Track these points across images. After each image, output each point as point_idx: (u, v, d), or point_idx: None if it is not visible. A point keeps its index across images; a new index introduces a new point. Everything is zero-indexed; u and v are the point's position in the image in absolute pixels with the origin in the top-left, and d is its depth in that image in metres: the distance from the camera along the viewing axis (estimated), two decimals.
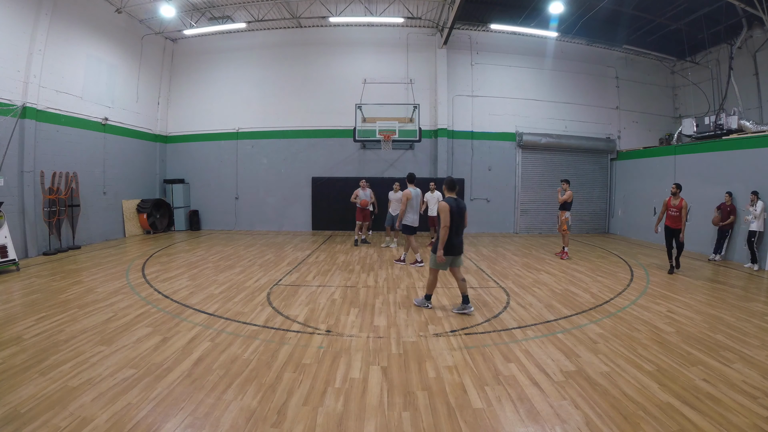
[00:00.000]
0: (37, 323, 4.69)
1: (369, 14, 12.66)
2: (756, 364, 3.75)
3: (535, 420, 2.88)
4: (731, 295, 6.20)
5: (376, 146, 13.36)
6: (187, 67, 14.31)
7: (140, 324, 4.74)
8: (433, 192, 10.16)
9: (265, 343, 4.23)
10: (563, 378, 3.49)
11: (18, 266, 7.58)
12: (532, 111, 13.96)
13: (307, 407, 3.02)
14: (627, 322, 4.98)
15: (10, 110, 8.63)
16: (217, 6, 12.49)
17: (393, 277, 7.37)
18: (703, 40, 12.17)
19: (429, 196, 10.15)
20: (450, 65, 13.68)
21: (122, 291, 6.19)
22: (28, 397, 3.05)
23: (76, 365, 3.61)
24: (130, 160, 12.54)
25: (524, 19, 12.53)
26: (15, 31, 8.80)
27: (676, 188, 7.72)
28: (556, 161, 13.98)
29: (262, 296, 5.99)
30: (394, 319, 5.06)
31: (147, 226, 12.65)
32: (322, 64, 13.91)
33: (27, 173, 8.99)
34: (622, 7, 11.33)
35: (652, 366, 3.72)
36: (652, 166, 12.34)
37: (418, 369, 3.67)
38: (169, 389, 3.24)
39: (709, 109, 12.45)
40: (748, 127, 9.95)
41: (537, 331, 4.65)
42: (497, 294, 6.25)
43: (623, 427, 2.78)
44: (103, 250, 9.79)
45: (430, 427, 2.79)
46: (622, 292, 6.37)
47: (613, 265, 8.49)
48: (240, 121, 14.05)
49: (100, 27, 11.14)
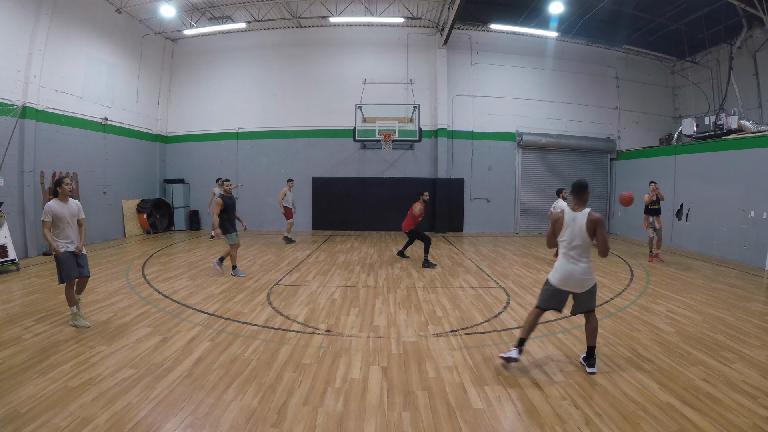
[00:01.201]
0: (37, 323, 4.69)
1: (369, 14, 12.66)
2: (756, 364, 3.75)
3: (535, 420, 2.88)
4: (731, 295, 6.20)
5: (376, 146, 13.36)
6: (187, 67, 14.31)
7: (140, 324, 4.74)
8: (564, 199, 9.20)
9: (265, 343, 4.23)
10: (563, 378, 3.49)
11: (18, 266, 7.58)
12: (532, 111, 13.96)
13: (307, 407, 3.02)
14: (627, 322, 4.98)
15: (10, 110, 8.63)
16: (217, 6, 12.49)
17: (393, 277, 7.37)
18: (703, 40, 12.16)
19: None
20: (450, 65, 13.68)
21: (122, 291, 6.19)
22: (28, 397, 3.05)
23: (76, 365, 3.61)
24: (130, 160, 12.54)
25: (524, 19, 12.53)
26: (15, 31, 8.80)
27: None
28: (556, 161, 13.98)
29: (262, 296, 5.99)
30: (394, 319, 5.06)
31: (147, 226, 12.65)
32: (322, 64, 13.91)
33: (27, 173, 8.99)
34: (622, 7, 11.32)
35: (652, 366, 3.72)
36: (652, 166, 12.33)
37: (418, 369, 3.67)
38: (169, 389, 3.24)
39: (709, 109, 12.44)
40: (748, 127, 9.94)
41: (537, 331, 4.63)
42: (497, 294, 6.25)
43: (623, 427, 2.78)
44: (103, 250, 9.79)
45: (430, 427, 2.79)
46: (622, 292, 6.37)
47: (613, 265, 8.49)
48: (240, 121, 14.05)
49: (100, 27, 11.14)
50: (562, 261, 3.59)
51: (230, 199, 7.22)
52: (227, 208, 7.10)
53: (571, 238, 3.50)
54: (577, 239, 3.46)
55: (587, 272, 3.47)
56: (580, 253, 3.47)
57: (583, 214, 3.44)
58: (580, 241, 3.45)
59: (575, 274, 3.47)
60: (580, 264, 3.47)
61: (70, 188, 4.59)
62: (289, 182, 11.19)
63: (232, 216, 7.20)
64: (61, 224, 4.49)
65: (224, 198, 7.12)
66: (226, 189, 7.34)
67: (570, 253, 3.51)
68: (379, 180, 13.86)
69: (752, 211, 8.75)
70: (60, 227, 4.50)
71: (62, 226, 4.51)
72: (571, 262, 3.50)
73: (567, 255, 3.54)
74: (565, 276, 3.52)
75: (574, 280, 3.50)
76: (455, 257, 9.39)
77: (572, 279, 3.50)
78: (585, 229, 3.40)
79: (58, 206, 4.49)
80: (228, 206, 7.12)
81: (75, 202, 4.70)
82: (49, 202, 4.53)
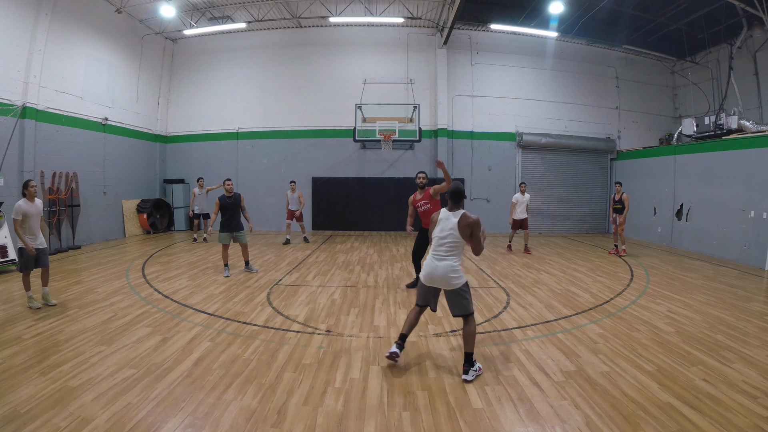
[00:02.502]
0: (37, 323, 4.69)
1: (369, 14, 12.66)
2: (756, 364, 3.75)
3: (535, 420, 2.88)
4: (731, 295, 6.20)
5: (376, 146, 13.36)
6: (187, 67, 14.31)
7: (140, 324, 4.74)
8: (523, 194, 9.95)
9: (265, 343, 4.23)
10: (563, 378, 3.49)
11: (18, 266, 7.57)
12: (532, 111, 13.96)
13: (307, 407, 3.02)
14: (627, 322, 4.98)
15: (10, 110, 8.64)
16: (217, 6, 12.49)
17: (393, 277, 7.37)
18: (703, 40, 12.16)
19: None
20: (450, 65, 13.68)
21: (122, 291, 6.19)
22: (28, 397, 3.05)
23: (76, 365, 3.61)
24: (130, 160, 12.54)
25: (524, 19, 12.53)
26: (15, 31, 8.81)
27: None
28: (556, 161, 13.98)
29: (262, 296, 5.99)
30: (394, 319, 5.06)
31: (147, 226, 12.65)
32: (322, 64, 13.90)
33: (27, 173, 8.98)
34: (622, 7, 11.32)
35: (652, 366, 3.72)
36: (652, 166, 12.33)
37: (418, 369, 3.67)
38: (169, 389, 3.24)
39: (709, 109, 12.44)
40: (748, 127, 9.94)
41: (537, 331, 4.65)
42: (497, 294, 6.25)
43: (623, 427, 2.78)
44: (103, 250, 9.79)
45: (430, 427, 2.79)
46: (622, 292, 6.37)
47: (613, 265, 8.49)
48: (240, 121, 14.05)
49: (100, 27, 11.14)
50: (429, 257, 3.73)
51: (228, 199, 7.21)
52: (224, 208, 7.13)
53: (441, 236, 3.62)
54: (447, 237, 3.59)
55: (453, 270, 3.55)
56: (447, 251, 3.59)
57: (456, 215, 3.58)
58: (450, 240, 3.58)
59: (439, 270, 3.58)
60: (446, 261, 3.58)
61: (34, 190, 5.29)
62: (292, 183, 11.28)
63: (229, 216, 7.19)
64: (28, 221, 5.13)
65: (222, 198, 7.14)
66: (227, 189, 7.30)
67: (438, 250, 3.65)
68: (379, 180, 13.85)
69: (752, 211, 8.75)
70: (27, 224, 5.13)
71: (29, 223, 5.15)
72: (437, 259, 3.62)
73: (435, 251, 3.68)
74: (430, 272, 3.64)
75: (437, 276, 3.59)
76: None
77: (436, 275, 3.59)
78: (457, 228, 3.54)
79: (27, 205, 5.14)
80: (224, 206, 7.13)
81: (39, 202, 5.38)
82: (18, 202, 5.12)
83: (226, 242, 7.24)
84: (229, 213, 7.17)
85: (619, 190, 9.53)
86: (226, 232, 7.19)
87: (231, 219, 7.20)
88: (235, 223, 7.24)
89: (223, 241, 7.22)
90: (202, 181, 11.15)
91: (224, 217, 7.18)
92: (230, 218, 7.19)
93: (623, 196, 9.38)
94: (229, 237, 7.22)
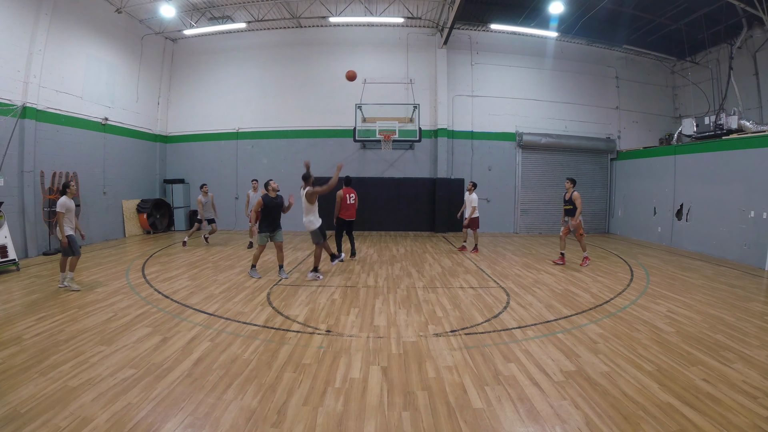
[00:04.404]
0: (37, 323, 4.69)
1: (369, 14, 12.67)
2: (756, 364, 3.75)
3: (535, 420, 2.88)
4: (731, 295, 6.20)
5: (376, 146, 13.36)
6: (187, 67, 14.31)
7: (140, 324, 4.74)
8: (471, 193, 9.69)
9: (265, 343, 4.23)
10: (563, 378, 3.49)
11: (18, 266, 7.59)
12: (532, 111, 13.96)
13: (307, 407, 3.02)
14: (627, 322, 4.98)
15: (10, 110, 8.64)
16: (217, 6, 12.49)
17: (393, 277, 7.37)
18: (703, 40, 12.16)
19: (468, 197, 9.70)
20: (450, 65, 13.68)
21: (122, 291, 6.19)
22: (28, 397, 3.05)
23: (76, 365, 3.61)
24: (130, 160, 12.54)
25: (524, 19, 12.53)
26: (15, 31, 8.81)
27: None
28: (556, 161, 13.98)
29: (262, 296, 5.99)
30: (394, 319, 5.06)
31: (147, 226, 12.65)
32: (322, 64, 13.90)
33: (27, 173, 9.00)
34: (622, 7, 11.32)
35: (652, 366, 3.72)
36: (652, 166, 12.33)
37: (418, 369, 3.67)
38: (169, 389, 3.24)
39: (709, 109, 12.44)
40: (748, 127, 9.94)
41: (537, 331, 4.65)
42: (497, 294, 6.25)
43: (623, 427, 2.78)
44: (103, 250, 9.79)
45: (430, 427, 2.79)
46: (622, 292, 6.37)
47: (613, 265, 8.49)
48: (240, 121, 14.06)
49: (100, 27, 11.14)
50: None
51: (272, 200, 7.07)
52: (267, 209, 7.03)
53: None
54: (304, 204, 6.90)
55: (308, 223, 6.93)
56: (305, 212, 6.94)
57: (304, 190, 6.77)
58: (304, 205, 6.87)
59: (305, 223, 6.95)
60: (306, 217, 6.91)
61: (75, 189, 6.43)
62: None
63: (272, 216, 7.10)
64: (70, 215, 6.22)
65: (265, 198, 7.04)
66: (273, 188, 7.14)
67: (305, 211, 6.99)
68: (379, 180, 13.86)
69: (752, 211, 8.75)
70: (69, 217, 6.20)
71: (70, 216, 6.24)
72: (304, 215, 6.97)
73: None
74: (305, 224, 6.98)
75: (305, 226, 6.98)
76: (455, 257, 9.39)
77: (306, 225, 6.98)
78: (304, 198, 6.78)
79: (69, 202, 6.16)
80: (268, 207, 7.03)
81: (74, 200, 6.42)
82: (61, 198, 6.09)
83: (265, 242, 7.15)
84: (273, 213, 7.09)
85: (569, 188, 8.35)
86: (265, 232, 7.09)
87: (273, 219, 7.11)
88: (276, 223, 7.17)
89: (262, 241, 7.13)
90: (206, 188, 10.71)
91: (266, 217, 7.07)
92: (273, 218, 7.11)
93: (574, 194, 8.15)
94: (267, 237, 7.13)
